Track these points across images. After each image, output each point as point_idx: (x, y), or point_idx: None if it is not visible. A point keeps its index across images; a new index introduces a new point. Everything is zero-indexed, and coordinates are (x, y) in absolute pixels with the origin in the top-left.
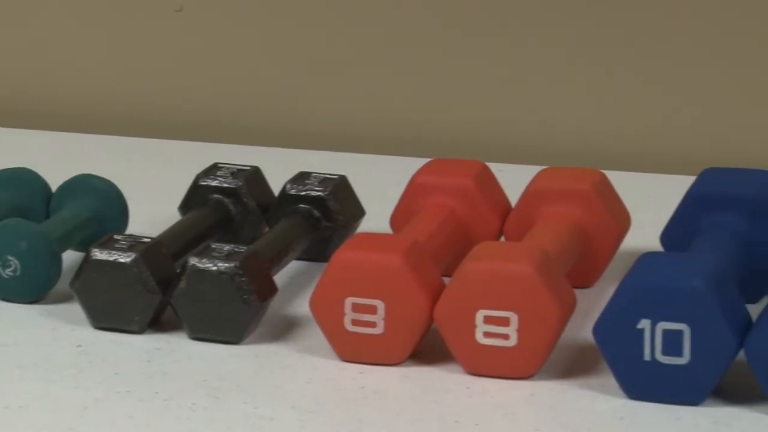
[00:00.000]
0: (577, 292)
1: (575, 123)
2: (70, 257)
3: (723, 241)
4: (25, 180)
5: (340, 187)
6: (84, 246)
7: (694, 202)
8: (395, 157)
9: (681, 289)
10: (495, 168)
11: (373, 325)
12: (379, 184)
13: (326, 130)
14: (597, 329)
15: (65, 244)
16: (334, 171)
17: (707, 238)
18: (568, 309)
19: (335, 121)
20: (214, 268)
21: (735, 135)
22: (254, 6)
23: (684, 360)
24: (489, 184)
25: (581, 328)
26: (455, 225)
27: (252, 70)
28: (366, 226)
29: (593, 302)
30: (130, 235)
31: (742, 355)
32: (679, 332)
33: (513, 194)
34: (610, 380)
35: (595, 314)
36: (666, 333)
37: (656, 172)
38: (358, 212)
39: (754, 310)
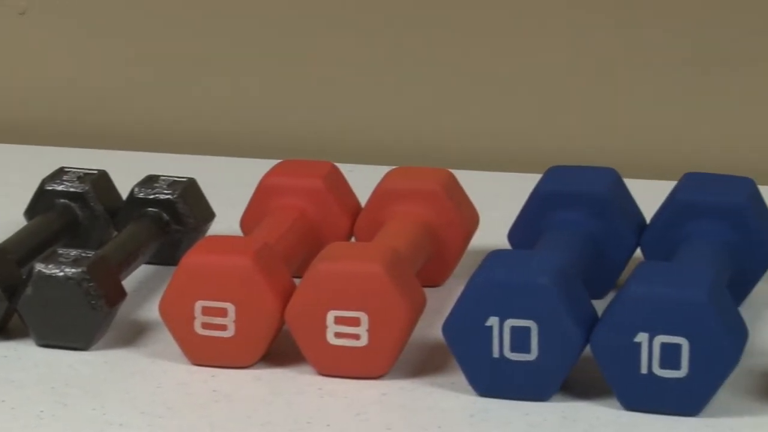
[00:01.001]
0: (427, 291)
1: (423, 122)
2: None
3: (569, 238)
4: None
5: (190, 189)
6: None
7: (541, 200)
8: (244, 159)
9: (527, 286)
10: (344, 168)
11: (223, 328)
12: (229, 187)
13: (174, 133)
14: (446, 327)
15: None
16: (182, 174)
17: (553, 235)
18: (418, 308)
19: (183, 124)
20: (61, 273)
21: (579, 133)
22: (98, 8)
23: (532, 356)
24: (338, 185)
25: (432, 327)
26: (305, 226)
27: (98, 71)
28: (216, 228)
29: (443, 301)
30: None
31: (588, 350)
32: (527, 329)
33: (363, 194)
34: (460, 378)
35: (446, 313)
36: (514, 330)
37: (504, 170)
38: (208, 215)
39: (600, 305)
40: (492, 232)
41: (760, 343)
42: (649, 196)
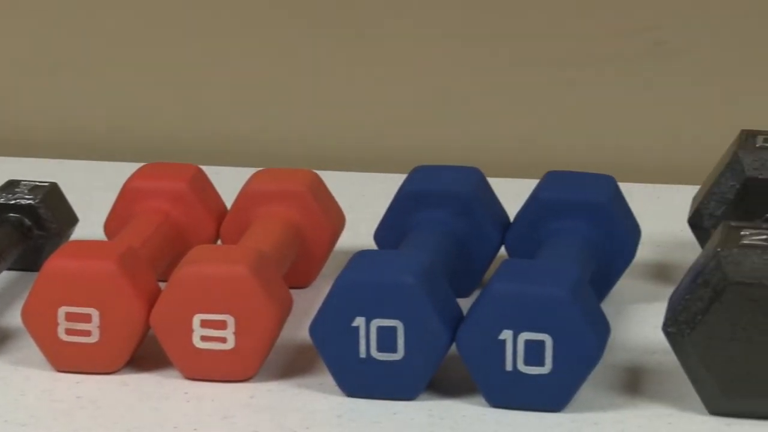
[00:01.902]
0: (295, 292)
1: (288, 123)
2: None
3: (434, 238)
4: None
5: (52, 194)
6: None
7: (405, 199)
8: (107, 162)
9: (392, 285)
10: (210, 171)
11: (87, 333)
12: (92, 191)
13: (34, 137)
14: (313, 328)
15: None
16: (44, 178)
17: (419, 234)
18: (284, 310)
19: (43, 128)
20: None
21: (443, 133)
22: None
23: (398, 356)
24: (204, 188)
25: (299, 328)
26: (170, 229)
27: None
28: (79, 233)
29: (310, 302)
30: None
31: (455, 348)
32: (393, 329)
33: (229, 197)
34: (328, 379)
35: (313, 314)
36: (380, 330)
37: (369, 171)
38: (71, 219)
39: (466, 303)
40: (358, 233)
41: (622, 339)
42: (513, 194)
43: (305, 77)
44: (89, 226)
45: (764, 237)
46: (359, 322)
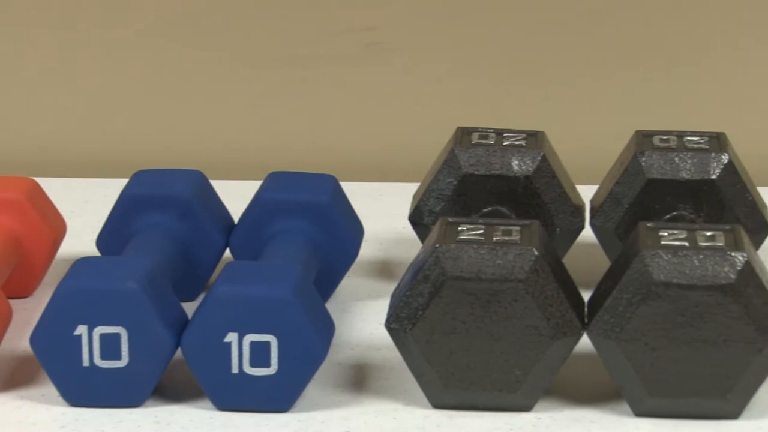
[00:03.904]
0: (15, 302)
1: (6, 130)
2: None
3: (156, 242)
4: None
5: None
6: None
7: (127, 204)
8: None
9: (115, 291)
10: None
11: None
12: None
13: None
14: (34, 338)
15: None
16: None
17: (141, 239)
18: (4, 320)
19: None
20: None
21: (164, 137)
22: None
23: (123, 363)
24: None
25: (21, 339)
26: None
27: None
28: None
29: (32, 311)
30: None
31: (180, 353)
32: (117, 335)
33: None
34: (51, 389)
35: (34, 323)
36: (103, 337)
37: (91, 176)
38: None
39: (193, 307)
40: (81, 240)
41: (347, 337)
42: (237, 196)
43: (23, 82)
44: None
45: (480, 232)
46: (81, 330)
